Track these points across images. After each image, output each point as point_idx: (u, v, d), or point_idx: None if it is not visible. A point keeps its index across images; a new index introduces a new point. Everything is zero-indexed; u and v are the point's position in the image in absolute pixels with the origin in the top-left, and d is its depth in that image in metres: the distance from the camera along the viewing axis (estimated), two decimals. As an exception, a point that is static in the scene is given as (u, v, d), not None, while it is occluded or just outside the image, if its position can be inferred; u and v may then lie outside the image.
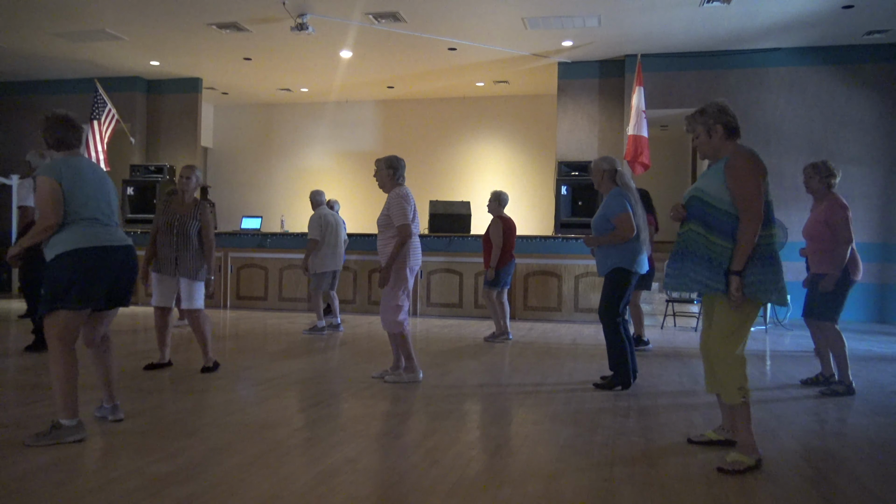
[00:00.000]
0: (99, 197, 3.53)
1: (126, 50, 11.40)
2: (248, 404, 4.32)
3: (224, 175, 15.68)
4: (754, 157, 3.22)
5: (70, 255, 3.39)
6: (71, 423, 3.35)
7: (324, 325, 7.77)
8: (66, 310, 3.37)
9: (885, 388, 5.30)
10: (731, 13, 9.20)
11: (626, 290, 4.95)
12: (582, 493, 2.80)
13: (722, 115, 3.31)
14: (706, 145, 3.36)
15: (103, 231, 3.51)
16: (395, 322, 4.94)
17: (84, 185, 3.47)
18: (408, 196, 4.98)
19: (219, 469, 2.99)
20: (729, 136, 3.31)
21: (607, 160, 5.13)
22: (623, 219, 4.85)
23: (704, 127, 3.34)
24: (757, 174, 3.17)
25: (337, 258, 7.89)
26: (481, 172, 14.31)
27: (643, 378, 5.37)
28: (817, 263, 5.02)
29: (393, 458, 3.27)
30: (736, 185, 3.18)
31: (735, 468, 3.11)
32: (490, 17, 9.55)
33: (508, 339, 7.46)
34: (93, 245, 3.43)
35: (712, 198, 3.24)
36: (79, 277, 3.38)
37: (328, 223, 7.82)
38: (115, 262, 3.52)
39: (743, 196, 3.16)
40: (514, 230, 7.37)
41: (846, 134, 10.40)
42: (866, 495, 2.90)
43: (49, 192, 3.36)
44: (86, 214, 3.46)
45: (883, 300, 10.22)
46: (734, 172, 3.19)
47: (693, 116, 3.40)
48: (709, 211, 3.24)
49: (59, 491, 2.69)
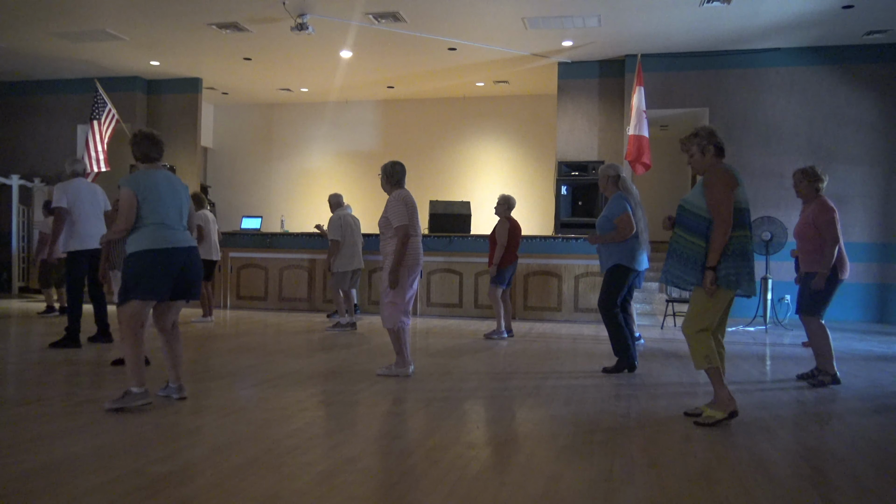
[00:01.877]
0: (169, 204, 4.08)
1: (126, 50, 11.40)
2: (248, 404, 4.33)
3: (224, 175, 15.69)
4: (728, 173, 3.86)
5: (140, 254, 3.96)
6: (139, 390, 3.91)
7: (347, 322, 8.10)
8: (136, 300, 3.93)
9: (885, 388, 5.30)
10: (731, 13, 9.20)
11: (624, 284, 5.56)
12: (582, 493, 2.80)
13: (713, 136, 3.95)
14: (700, 163, 3.99)
15: (170, 234, 4.04)
16: (388, 318, 5.09)
17: (157, 194, 4.03)
18: (406, 198, 5.09)
19: (219, 469, 2.99)
20: (717, 154, 3.95)
21: (612, 167, 5.78)
22: (623, 219, 5.46)
23: (699, 147, 3.97)
24: (727, 185, 3.80)
25: (357, 257, 8.27)
26: (481, 172, 14.31)
27: (643, 377, 5.38)
28: (808, 263, 5.30)
29: (393, 458, 3.27)
30: (709, 194, 3.83)
31: (706, 421, 3.82)
32: (490, 17, 9.55)
33: (509, 337, 7.65)
34: (159, 247, 3.97)
35: (692, 205, 3.92)
36: (146, 273, 3.94)
37: (347, 224, 8.17)
38: (179, 261, 4.04)
39: (714, 203, 3.81)
40: (520, 232, 7.70)
41: (846, 134, 10.40)
42: (866, 495, 2.90)
43: (126, 201, 3.97)
44: (156, 219, 4.01)
45: (883, 300, 10.21)
46: (709, 184, 3.85)
47: (688, 139, 4.02)
48: (689, 217, 3.90)
49: (59, 491, 2.69)
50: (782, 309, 9.90)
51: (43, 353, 6.08)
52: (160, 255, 3.97)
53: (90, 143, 11.18)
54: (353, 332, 8.00)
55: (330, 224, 8.20)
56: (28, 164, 13.35)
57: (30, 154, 13.36)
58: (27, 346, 6.87)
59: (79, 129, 13.11)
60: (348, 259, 8.18)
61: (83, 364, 5.57)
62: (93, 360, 5.74)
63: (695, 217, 3.88)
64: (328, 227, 8.27)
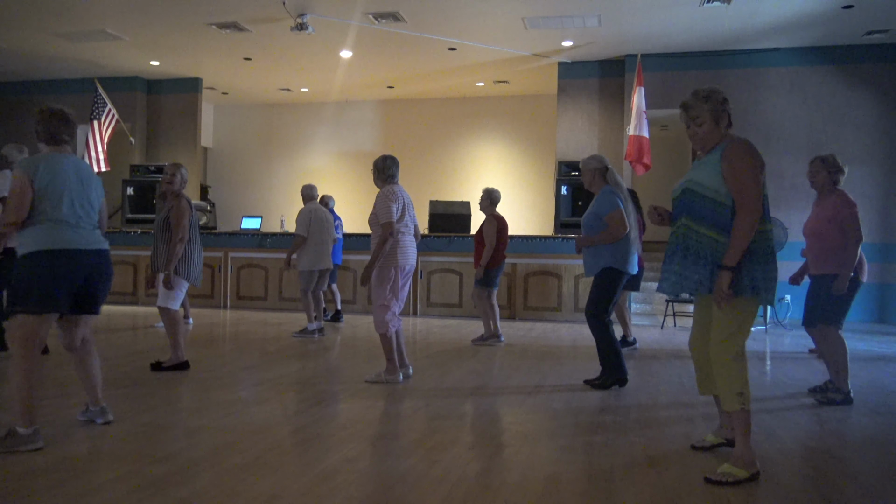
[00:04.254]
0: (75, 196, 3.37)
1: (126, 50, 11.40)
2: (248, 404, 4.32)
3: (224, 175, 15.69)
4: (754, 148, 3.05)
5: (33, 256, 3.25)
6: (27, 431, 3.17)
7: (315, 328, 7.40)
8: (27, 314, 3.24)
9: (885, 388, 5.30)
10: (731, 13, 9.20)
11: (616, 290, 4.89)
12: (582, 494, 2.80)
13: (725, 103, 3.13)
14: (711, 134, 3.12)
15: (73, 233, 3.35)
16: (380, 322, 4.89)
17: (60, 184, 3.32)
18: (395, 194, 4.89)
19: (219, 469, 2.99)
20: (729, 125, 3.15)
21: (596, 158, 5.09)
22: (615, 217, 4.79)
23: (713, 114, 3.10)
24: (756, 165, 2.98)
25: (325, 256, 7.50)
26: (481, 172, 14.30)
27: (643, 378, 5.37)
28: (821, 264, 4.66)
29: (393, 459, 3.27)
30: (732, 173, 2.98)
31: (724, 479, 2.91)
32: (490, 17, 9.55)
33: (500, 342, 7.13)
34: (59, 248, 3.28)
35: (706, 188, 3.04)
36: (40, 281, 3.23)
37: (317, 219, 7.48)
38: (84, 267, 3.36)
39: (741, 187, 2.95)
40: (507, 229, 7.16)
41: (846, 134, 10.40)
42: (866, 495, 2.90)
43: (18, 187, 3.24)
44: (56, 215, 3.30)
45: (883, 300, 10.22)
46: (734, 163, 2.99)
47: (697, 102, 3.12)
48: (700, 201, 3.06)
49: (59, 491, 2.69)
50: (782, 309, 9.89)
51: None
52: (59, 259, 3.27)
53: (90, 143, 11.19)
54: (320, 338, 7.34)
55: (297, 217, 7.48)
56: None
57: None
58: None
59: (79, 129, 13.05)
60: (314, 257, 7.41)
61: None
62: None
63: (709, 202, 3.03)
64: (296, 220, 7.53)
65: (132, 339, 7.12)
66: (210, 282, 10.75)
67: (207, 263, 10.73)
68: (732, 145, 3.04)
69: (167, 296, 5.25)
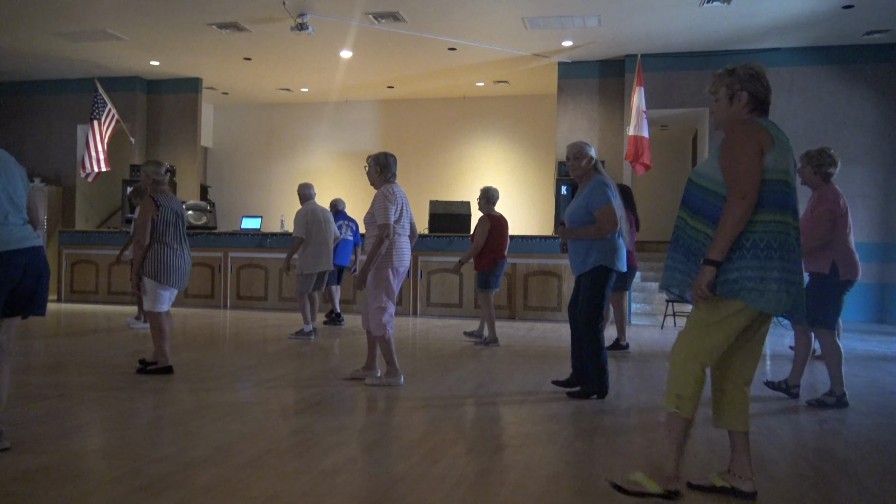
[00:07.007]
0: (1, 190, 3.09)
1: (126, 50, 11.40)
2: (248, 404, 4.32)
3: (224, 175, 15.69)
4: (756, 126, 2.63)
5: None
6: None
7: (310, 330, 7.25)
8: None
9: (885, 388, 5.30)
10: (731, 13, 9.20)
11: (608, 290, 4.61)
12: (582, 494, 2.80)
13: (753, 81, 2.69)
14: (724, 113, 2.74)
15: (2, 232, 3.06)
16: (378, 325, 4.81)
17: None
18: (394, 195, 4.82)
19: (219, 469, 2.99)
20: (754, 108, 2.71)
21: (586, 146, 4.81)
22: (607, 211, 4.48)
23: (729, 90, 2.72)
24: (750, 143, 2.57)
25: (325, 258, 7.30)
26: (481, 172, 14.30)
27: (643, 379, 5.37)
28: (809, 262, 4.55)
29: (393, 459, 3.27)
30: (725, 157, 2.62)
31: (629, 488, 2.64)
32: (490, 17, 9.55)
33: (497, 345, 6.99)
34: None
35: (704, 178, 2.70)
36: None
37: (317, 220, 7.25)
38: (16, 267, 3.09)
39: (730, 169, 2.58)
40: (506, 229, 6.99)
41: (846, 134, 10.40)
42: (866, 495, 2.90)
43: None
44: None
45: (883, 300, 10.22)
46: (727, 143, 2.64)
47: (720, 75, 2.76)
48: (697, 192, 2.71)
49: (59, 491, 2.69)
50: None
51: None
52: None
53: (90, 143, 11.19)
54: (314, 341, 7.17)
55: (295, 218, 7.24)
56: (28, 165, 13.32)
57: (30, 154, 13.34)
58: None
59: (79, 129, 13.10)
60: (314, 259, 7.18)
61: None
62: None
63: (705, 193, 2.67)
64: (293, 221, 7.29)
65: (132, 338, 7.12)
66: (210, 282, 10.76)
67: (207, 263, 10.74)
68: (734, 125, 2.68)
69: (147, 299, 5.08)
